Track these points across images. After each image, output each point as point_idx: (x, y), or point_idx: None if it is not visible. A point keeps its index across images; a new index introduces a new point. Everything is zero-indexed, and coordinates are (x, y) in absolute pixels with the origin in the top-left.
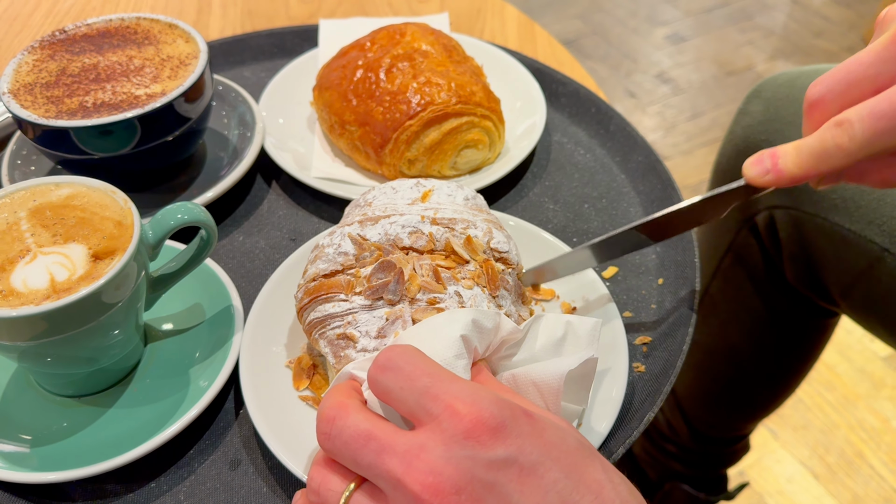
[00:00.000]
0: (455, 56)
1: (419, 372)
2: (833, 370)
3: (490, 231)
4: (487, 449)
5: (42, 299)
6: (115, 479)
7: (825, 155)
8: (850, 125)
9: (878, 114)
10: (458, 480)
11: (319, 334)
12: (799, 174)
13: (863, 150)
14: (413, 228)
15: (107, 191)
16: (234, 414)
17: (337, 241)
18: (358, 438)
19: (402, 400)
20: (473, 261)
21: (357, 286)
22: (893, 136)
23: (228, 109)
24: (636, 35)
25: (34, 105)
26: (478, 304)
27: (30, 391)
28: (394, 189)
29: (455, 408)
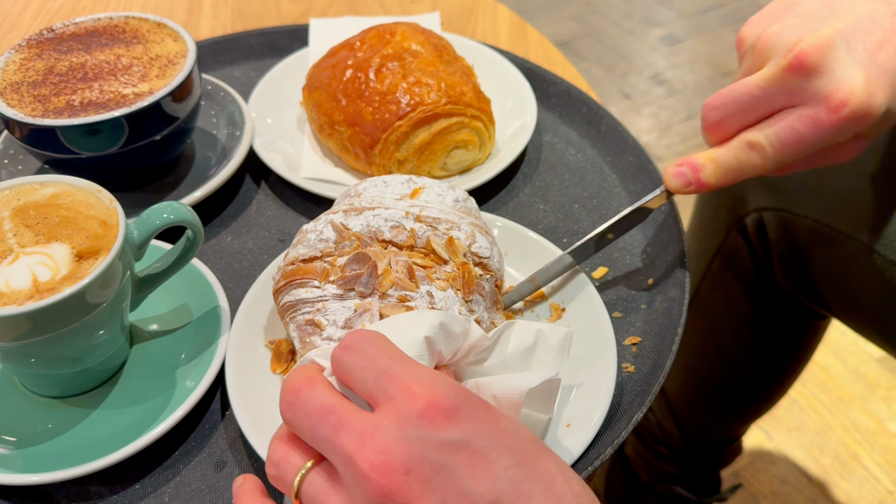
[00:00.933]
0: (445, 56)
1: (381, 353)
2: (827, 371)
3: (473, 234)
4: (440, 430)
5: (25, 300)
6: (99, 481)
7: (741, 170)
8: (762, 148)
9: (783, 140)
10: (408, 461)
11: (290, 318)
12: (717, 185)
13: (774, 166)
14: (395, 223)
15: (92, 190)
16: (221, 415)
17: (320, 227)
18: (319, 411)
19: (361, 379)
20: (452, 262)
21: (332, 274)
22: (798, 154)
23: (217, 109)
24: (631, 36)
25: (21, 104)
26: (449, 306)
27: (14, 392)
28: (385, 183)
29: (411, 388)
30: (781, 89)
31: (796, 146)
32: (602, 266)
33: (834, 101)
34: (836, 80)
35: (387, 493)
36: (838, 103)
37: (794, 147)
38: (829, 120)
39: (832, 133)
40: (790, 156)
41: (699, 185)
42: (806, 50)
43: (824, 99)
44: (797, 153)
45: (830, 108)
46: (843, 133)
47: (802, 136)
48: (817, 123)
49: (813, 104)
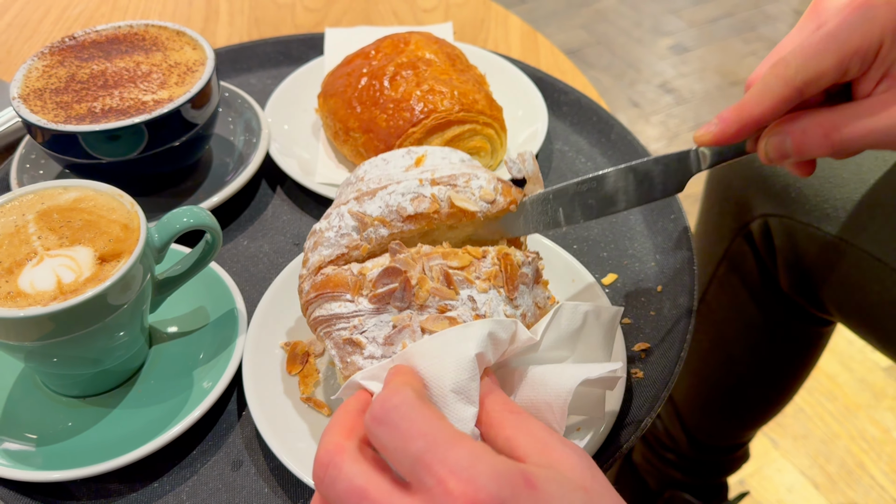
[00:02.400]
0: (458, 65)
1: (414, 432)
2: (834, 380)
3: (495, 178)
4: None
5: (49, 300)
6: (118, 479)
7: (767, 89)
8: (785, 58)
9: (808, 44)
10: None
11: (325, 333)
12: (744, 114)
13: (799, 74)
14: (414, 194)
15: (113, 194)
16: (237, 415)
17: (336, 222)
18: (351, 494)
19: (397, 461)
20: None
21: (364, 287)
22: (825, 57)
23: (235, 116)
24: (640, 45)
25: (44, 110)
26: (493, 309)
27: (36, 391)
28: (385, 160)
29: (448, 486)
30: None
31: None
32: (612, 273)
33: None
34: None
35: None
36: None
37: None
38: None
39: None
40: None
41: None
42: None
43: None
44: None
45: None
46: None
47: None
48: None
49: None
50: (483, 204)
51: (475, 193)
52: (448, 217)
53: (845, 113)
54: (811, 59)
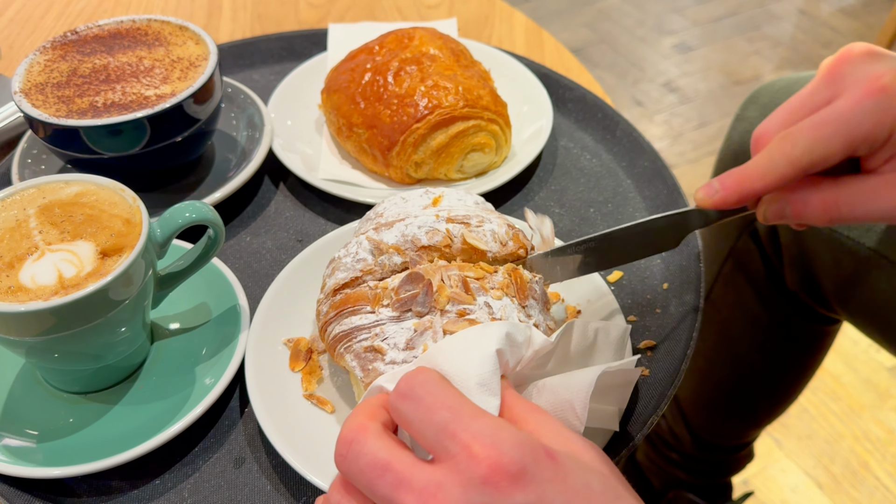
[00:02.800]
0: (463, 60)
1: (439, 404)
2: (838, 380)
3: (505, 225)
4: (506, 496)
5: (50, 295)
6: (119, 476)
7: (771, 164)
8: (791, 136)
9: (818, 122)
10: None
11: (345, 348)
12: (746, 186)
13: (805, 156)
14: (429, 228)
15: (115, 189)
16: (240, 412)
17: (353, 249)
18: (374, 468)
19: (421, 433)
20: (501, 270)
21: (384, 299)
22: (832, 141)
23: (237, 111)
24: (644, 44)
25: (45, 104)
26: (508, 314)
27: (37, 387)
28: (404, 199)
29: (473, 450)
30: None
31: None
32: (617, 270)
33: (872, 76)
34: (879, 66)
35: None
36: (879, 75)
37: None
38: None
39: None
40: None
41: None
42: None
43: (867, 77)
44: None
45: (870, 79)
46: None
47: (837, 112)
48: (853, 98)
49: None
50: (494, 245)
51: (486, 235)
52: (459, 252)
53: (847, 190)
54: (819, 142)
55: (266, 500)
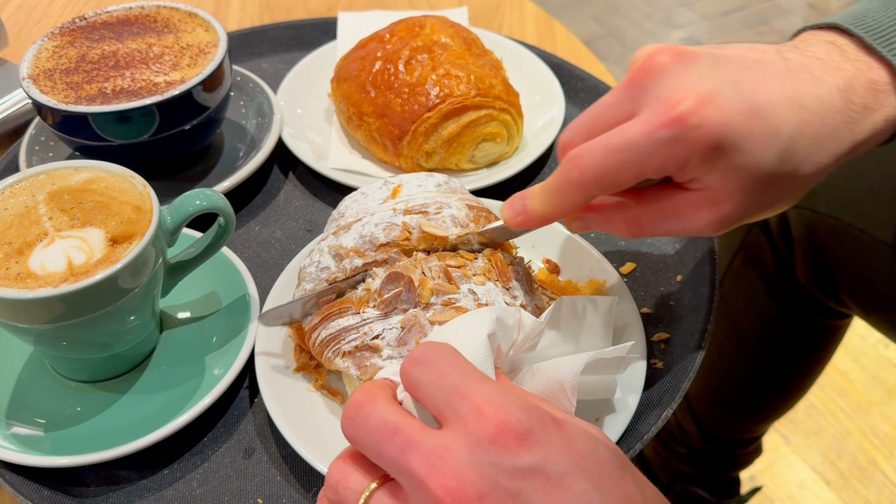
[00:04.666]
0: (474, 49)
1: (450, 369)
2: (846, 376)
3: (465, 207)
4: (513, 456)
5: (60, 282)
6: (128, 466)
7: (561, 191)
8: (580, 158)
9: (608, 147)
10: (482, 487)
11: (334, 351)
12: (543, 214)
13: (594, 185)
14: (386, 223)
15: (125, 176)
16: (249, 402)
17: (316, 258)
18: (384, 430)
19: (430, 395)
20: (481, 256)
21: (370, 300)
22: (622, 171)
23: (246, 100)
24: (652, 38)
25: (53, 90)
26: (493, 298)
27: (45, 376)
28: (364, 194)
29: (482, 410)
30: (629, 94)
31: (620, 155)
32: (630, 262)
33: (672, 98)
34: (682, 84)
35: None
36: (675, 101)
37: (618, 156)
38: (659, 118)
39: (661, 140)
40: (613, 170)
41: (526, 214)
42: (660, 50)
43: (664, 99)
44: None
45: (666, 106)
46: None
47: (628, 141)
48: (646, 124)
49: (651, 106)
50: (454, 229)
51: (446, 220)
52: (420, 241)
53: (650, 208)
54: (608, 172)
55: (276, 491)
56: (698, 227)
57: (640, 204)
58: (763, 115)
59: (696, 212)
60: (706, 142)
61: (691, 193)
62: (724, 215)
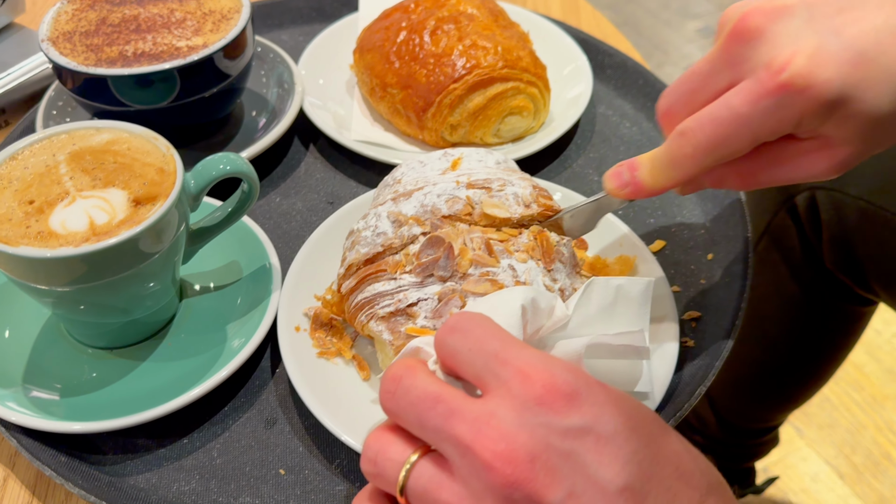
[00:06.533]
0: (501, 21)
1: (489, 336)
2: (861, 370)
3: (529, 186)
4: (563, 416)
5: (81, 241)
6: (146, 434)
7: (675, 164)
8: (692, 134)
9: (717, 120)
10: (533, 448)
11: (367, 315)
12: (655, 186)
13: (708, 157)
14: (449, 195)
15: (148, 137)
16: (271, 373)
17: (372, 222)
18: (425, 399)
19: (469, 362)
20: (527, 232)
21: (406, 264)
22: (735, 141)
23: (267, 70)
24: (668, 27)
25: (73, 53)
26: (532, 277)
27: (61, 342)
28: (422, 163)
29: (526, 373)
30: (725, 62)
31: (731, 127)
32: (659, 239)
33: (774, 64)
34: (781, 45)
35: (512, 483)
36: (778, 67)
37: (730, 129)
38: (765, 87)
39: (770, 107)
40: (726, 142)
41: (635, 186)
42: (751, 12)
43: (765, 65)
44: (734, 138)
45: (769, 73)
46: (785, 109)
47: (737, 113)
48: (752, 94)
49: (753, 74)
50: (517, 208)
51: (509, 199)
52: (481, 218)
53: (763, 160)
54: (721, 144)
55: (298, 462)
56: (815, 173)
57: (752, 157)
58: (871, 58)
59: (812, 158)
60: (817, 101)
61: (805, 142)
62: (841, 160)
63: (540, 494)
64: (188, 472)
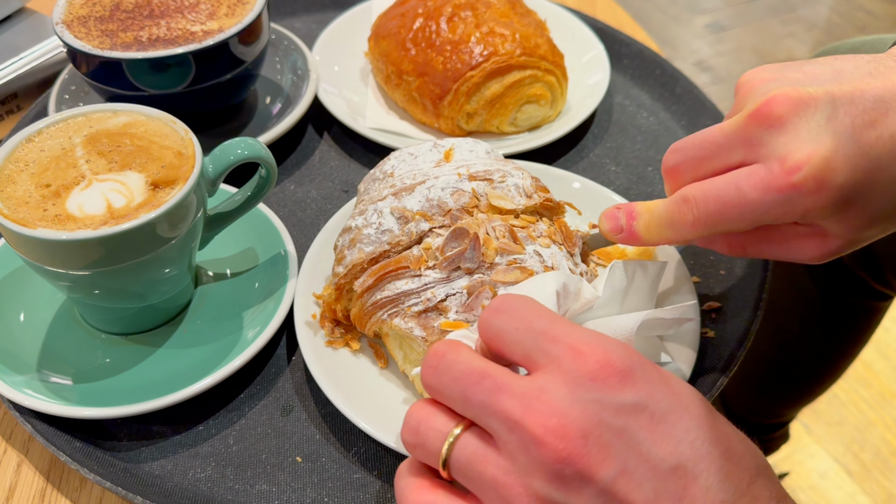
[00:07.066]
0: (518, 8)
1: (536, 314)
2: (870, 367)
3: (528, 176)
4: (616, 392)
5: (99, 225)
6: (161, 421)
7: (672, 227)
8: (695, 204)
9: (723, 199)
10: (585, 424)
11: (391, 313)
12: (649, 240)
13: (708, 229)
14: (453, 188)
15: (166, 120)
16: (287, 360)
17: (374, 219)
18: (471, 375)
19: (517, 342)
20: (545, 218)
21: (429, 259)
22: (736, 221)
23: (281, 57)
24: (676, 23)
25: (88, 37)
26: (558, 262)
27: (76, 327)
28: (412, 155)
29: (579, 349)
30: (742, 140)
31: (736, 209)
32: None
33: (789, 162)
34: (800, 140)
35: (564, 459)
36: (793, 165)
37: (734, 210)
38: (777, 182)
39: (778, 201)
40: (728, 220)
41: (630, 234)
42: (778, 98)
43: (780, 159)
44: (736, 219)
45: (783, 170)
46: (792, 206)
47: (744, 198)
48: (764, 185)
49: (767, 163)
50: (520, 200)
51: (511, 190)
52: (487, 209)
53: (754, 238)
54: (722, 222)
55: (315, 449)
56: (802, 257)
57: (746, 231)
58: (884, 166)
59: (803, 244)
60: (825, 203)
61: (800, 227)
62: (831, 250)
63: (591, 471)
64: (204, 459)
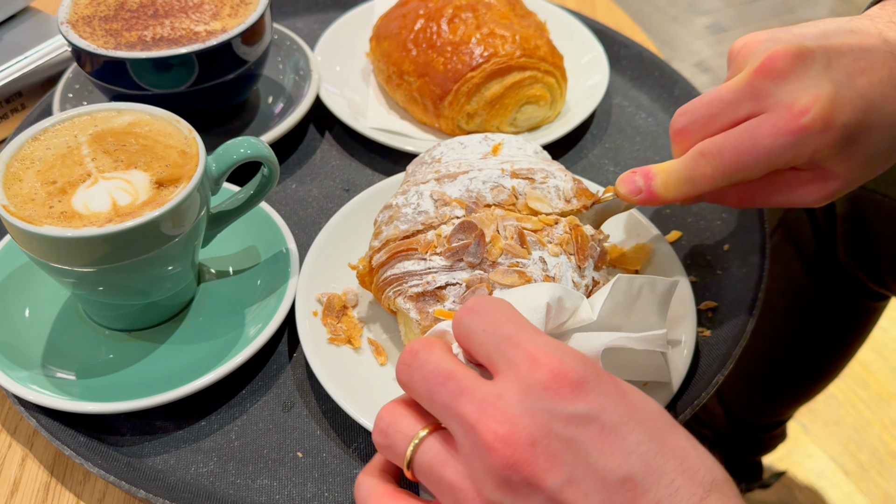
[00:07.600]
0: (518, 10)
1: (504, 319)
2: (867, 368)
3: (571, 178)
4: (567, 402)
5: (104, 222)
6: (163, 416)
7: (692, 181)
8: (712, 156)
9: (738, 149)
10: (534, 432)
11: (395, 291)
12: (667, 197)
13: (725, 179)
14: (494, 183)
15: (170, 120)
16: (288, 357)
17: (414, 200)
18: (437, 375)
19: (482, 343)
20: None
21: (438, 246)
22: (752, 169)
23: (283, 56)
24: (676, 23)
25: (93, 36)
26: (562, 273)
27: (80, 324)
28: (462, 144)
29: (536, 357)
30: (749, 94)
31: (751, 156)
32: (675, 230)
33: (797, 106)
34: (803, 88)
35: (511, 465)
36: (801, 109)
37: (749, 157)
38: (787, 126)
39: (790, 143)
40: (744, 168)
41: (649, 194)
42: (780, 52)
43: (787, 105)
44: (752, 166)
45: (792, 114)
46: (803, 147)
47: (758, 144)
48: (775, 129)
49: (775, 110)
50: (558, 203)
51: (551, 192)
52: (524, 208)
53: (761, 187)
54: (739, 170)
55: (316, 445)
56: (807, 200)
57: (755, 181)
58: (878, 107)
59: (807, 187)
60: (831, 141)
61: (803, 173)
62: (833, 191)
63: (538, 478)
64: (206, 453)
